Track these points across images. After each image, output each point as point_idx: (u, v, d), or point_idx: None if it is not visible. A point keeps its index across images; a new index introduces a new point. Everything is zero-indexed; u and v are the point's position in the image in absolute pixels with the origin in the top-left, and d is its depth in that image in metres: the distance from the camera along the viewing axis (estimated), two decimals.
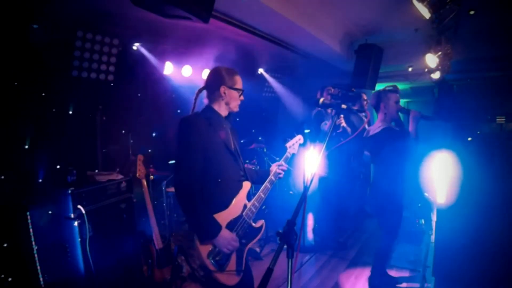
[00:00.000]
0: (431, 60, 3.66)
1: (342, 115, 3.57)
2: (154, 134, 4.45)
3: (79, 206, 2.57)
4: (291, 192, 4.96)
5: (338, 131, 3.67)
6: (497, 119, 6.88)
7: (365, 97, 4.18)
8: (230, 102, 1.84)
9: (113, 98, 3.76)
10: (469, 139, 6.65)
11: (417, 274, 3.31)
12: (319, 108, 4.03)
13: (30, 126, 2.93)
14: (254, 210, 1.83)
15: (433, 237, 3.40)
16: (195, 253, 1.69)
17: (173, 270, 2.97)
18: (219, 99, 1.84)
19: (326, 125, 3.86)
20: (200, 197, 1.68)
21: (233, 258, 1.75)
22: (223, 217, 1.73)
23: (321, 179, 3.99)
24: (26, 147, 2.86)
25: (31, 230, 2.61)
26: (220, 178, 1.75)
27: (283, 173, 2.02)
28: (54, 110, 3.13)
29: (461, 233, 3.03)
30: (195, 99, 1.87)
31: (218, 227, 1.68)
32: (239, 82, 1.87)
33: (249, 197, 1.86)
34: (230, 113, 1.91)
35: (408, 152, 2.81)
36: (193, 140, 1.69)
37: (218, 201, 1.75)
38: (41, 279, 2.65)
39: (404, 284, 3.14)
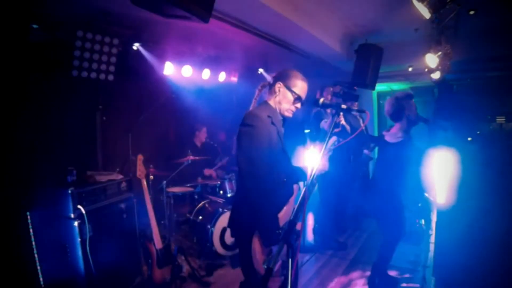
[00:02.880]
0: (431, 60, 3.66)
1: (341, 113, 3.56)
2: (154, 134, 4.45)
3: (79, 206, 2.57)
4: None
5: (337, 129, 3.66)
6: (497, 119, 6.88)
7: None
8: (281, 102, 1.77)
9: (113, 98, 3.76)
10: (469, 139, 6.65)
11: (417, 274, 3.30)
12: (319, 108, 4.03)
13: (30, 126, 2.93)
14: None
15: (433, 237, 3.39)
16: (251, 259, 1.60)
17: (173, 270, 2.97)
18: (273, 96, 1.78)
19: (326, 123, 3.86)
20: (271, 195, 1.60)
21: (279, 263, 1.69)
22: (281, 217, 1.67)
23: (321, 179, 3.99)
24: (26, 147, 2.86)
25: (31, 230, 2.61)
26: (278, 180, 1.70)
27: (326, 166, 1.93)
28: (54, 110, 3.12)
29: (461, 233, 3.03)
30: (257, 93, 1.82)
31: (280, 229, 1.61)
32: (299, 86, 1.77)
33: (296, 200, 1.82)
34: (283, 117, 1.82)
35: (419, 163, 2.77)
36: (263, 134, 1.63)
37: (277, 203, 1.69)
38: (41, 279, 2.65)
39: (404, 284, 3.14)
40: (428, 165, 2.74)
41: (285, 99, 1.76)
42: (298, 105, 1.79)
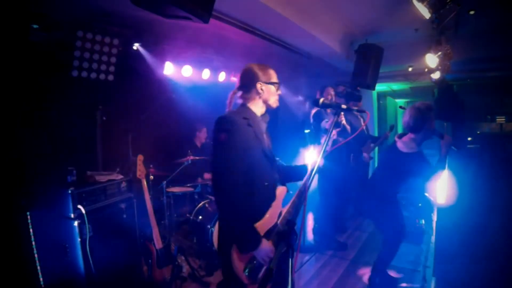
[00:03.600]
0: (431, 60, 3.67)
1: (342, 113, 3.55)
2: (154, 134, 4.45)
3: (79, 206, 2.57)
4: (290, 192, 4.96)
5: (338, 129, 3.67)
6: (497, 119, 6.89)
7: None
8: (268, 98, 1.77)
9: (113, 98, 3.76)
10: (469, 139, 6.66)
11: (417, 274, 3.30)
12: (319, 108, 4.03)
13: (30, 126, 2.93)
14: (288, 217, 1.72)
15: (433, 237, 3.39)
16: (231, 267, 1.56)
17: (173, 270, 2.97)
18: (255, 97, 1.75)
19: (327, 123, 3.86)
20: (244, 204, 1.56)
21: (264, 267, 1.64)
22: (262, 226, 1.63)
23: (321, 179, 3.99)
24: (26, 147, 2.86)
25: (31, 230, 2.61)
26: (258, 185, 1.65)
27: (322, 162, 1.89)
28: (54, 110, 3.13)
29: (461, 233, 3.03)
30: (230, 102, 1.78)
31: (259, 237, 1.57)
32: (274, 75, 1.79)
33: (284, 203, 1.77)
34: (266, 112, 1.82)
35: (425, 179, 2.71)
36: (236, 140, 1.58)
37: (256, 209, 1.65)
38: (41, 279, 2.65)
39: (404, 284, 3.14)
40: (436, 179, 2.67)
41: (271, 94, 1.77)
42: (279, 91, 1.82)
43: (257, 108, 1.77)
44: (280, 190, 1.77)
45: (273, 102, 1.79)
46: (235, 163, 1.56)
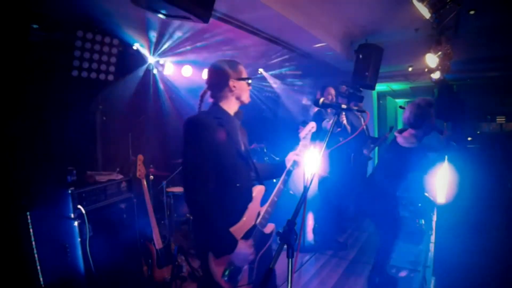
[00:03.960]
0: (431, 60, 3.66)
1: (344, 113, 3.55)
2: (154, 134, 4.45)
3: (79, 206, 2.57)
4: (291, 192, 4.96)
5: (338, 129, 3.67)
6: (497, 119, 6.89)
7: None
8: (241, 95, 1.71)
9: (113, 98, 3.76)
10: (469, 139, 6.66)
11: (417, 274, 3.30)
12: (319, 108, 4.03)
13: (30, 126, 2.92)
14: (267, 216, 1.68)
15: (433, 237, 3.40)
16: (209, 273, 1.53)
17: (173, 270, 2.97)
18: (228, 95, 1.69)
19: (328, 122, 3.86)
20: (215, 208, 1.51)
21: (245, 270, 1.61)
22: (239, 229, 1.58)
23: (321, 179, 4.00)
24: (26, 147, 2.86)
25: (31, 230, 2.61)
26: (233, 186, 1.60)
27: (300, 157, 1.82)
28: (54, 110, 3.12)
29: (461, 233, 3.03)
30: (201, 101, 1.73)
31: (235, 241, 1.53)
32: (244, 71, 1.73)
33: (262, 202, 1.71)
34: (239, 110, 1.76)
35: (424, 172, 2.75)
36: (205, 142, 1.52)
37: (231, 211, 1.59)
38: (41, 279, 2.65)
39: (404, 284, 3.14)
40: (434, 174, 2.71)
41: (243, 90, 1.71)
42: (250, 86, 1.76)
43: (230, 106, 1.71)
44: (258, 190, 1.71)
45: (246, 98, 1.74)
46: (204, 166, 1.51)
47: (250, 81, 1.74)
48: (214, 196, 1.52)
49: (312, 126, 1.91)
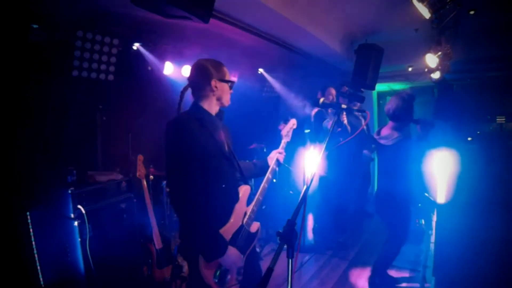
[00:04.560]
0: (431, 60, 3.66)
1: (344, 112, 3.56)
2: (154, 134, 4.45)
3: (79, 206, 2.57)
4: (291, 192, 4.96)
5: (339, 129, 3.66)
6: (497, 119, 6.88)
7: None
8: (222, 96, 1.69)
9: (113, 98, 3.76)
10: (469, 139, 6.65)
11: (417, 274, 3.30)
12: (319, 108, 4.03)
13: (30, 126, 2.93)
14: (253, 216, 1.69)
15: (433, 237, 3.39)
16: (198, 276, 1.52)
17: (173, 270, 2.97)
18: (209, 95, 1.66)
19: (328, 122, 3.86)
20: (203, 210, 1.50)
21: (233, 270, 1.63)
22: (227, 230, 1.58)
23: (321, 179, 3.99)
24: (26, 147, 2.86)
25: (31, 230, 2.61)
26: (219, 187, 1.59)
27: (283, 155, 1.87)
28: (54, 110, 3.12)
29: (461, 233, 3.03)
30: (181, 98, 1.71)
31: (226, 243, 1.54)
32: (227, 73, 1.73)
33: (248, 202, 1.72)
34: (221, 110, 1.75)
35: (420, 160, 2.77)
36: (189, 144, 1.51)
37: (218, 213, 1.58)
38: (41, 279, 2.65)
39: (404, 284, 3.14)
40: (429, 164, 2.74)
41: (224, 92, 1.70)
42: (231, 90, 1.75)
43: (211, 106, 1.69)
44: (244, 190, 1.70)
45: (226, 100, 1.73)
46: (190, 169, 1.50)
47: (232, 84, 1.74)
48: (201, 198, 1.51)
49: (293, 123, 1.96)
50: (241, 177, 1.77)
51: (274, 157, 1.86)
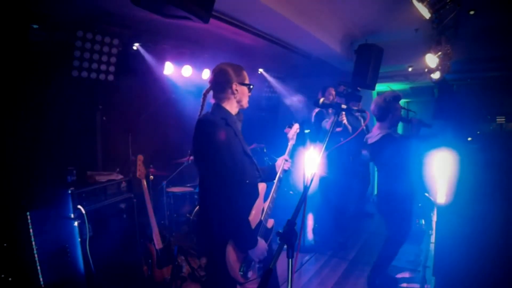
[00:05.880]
0: (431, 60, 3.66)
1: (343, 112, 3.56)
2: (154, 134, 4.45)
3: (79, 206, 2.57)
4: (291, 192, 4.96)
5: (339, 129, 3.66)
6: (497, 119, 6.88)
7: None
8: (242, 99, 1.79)
9: (113, 98, 3.76)
10: (469, 139, 6.65)
11: (417, 274, 3.30)
12: (320, 108, 4.04)
13: (30, 126, 2.93)
14: (269, 212, 1.79)
15: (433, 237, 3.39)
16: (224, 269, 1.58)
17: (173, 270, 2.97)
18: (230, 98, 1.76)
19: (328, 122, 3.86)
20: (238, 203, 1.58)
21: (255, 265, 1.71)
22: (252, 224, 1.67)
23: (321, 179, 4.00)
24: (26, 147, 2.86)
25: (31, 230, 2.61)
26: (243, 182, 1.68)
27: (289, 164, 1.97)
28: (54, 110, 3.12)
29: (461, 233, 3.03)
30: (204, 100, 1.79)
31: (256, 236, 1.63)
32: (247, 77, 1.82)
33: (264, 199, 1.82)
34: (239, 112, 1.85)
35: (409, 156, 2.78)
36: (221, 141, 1.60)
37: (246, 206, 1.69)
38: (41, 279, 2.65)
39: (404, 284, 3.14)
40: (428, 164, 2.74)
41: (244, 95, 1.79)
42: (250, 92, 1.84)
43: (232, 108, 1.78)
44: (262, 187, 1.81)
45: (245, 103, 1.82)
46: (227, 162, 1.58)
47: (251, 87, 1.82)
48: (233, 190, 1.58)
49: (297, 127, 2.10)
50: (259, 176, 1.85)
51: (280, 164, 1.96)
